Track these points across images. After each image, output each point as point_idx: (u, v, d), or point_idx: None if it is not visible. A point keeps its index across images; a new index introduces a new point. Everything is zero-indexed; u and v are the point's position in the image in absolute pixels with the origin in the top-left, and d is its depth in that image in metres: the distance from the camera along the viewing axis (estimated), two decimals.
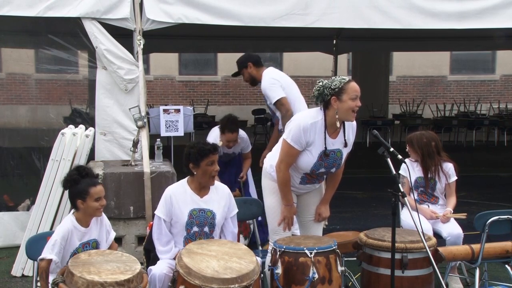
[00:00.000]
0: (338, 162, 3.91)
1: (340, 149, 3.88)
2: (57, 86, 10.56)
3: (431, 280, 3.89)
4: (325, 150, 3.79)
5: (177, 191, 3.80)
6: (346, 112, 3.72)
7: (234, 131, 5.46)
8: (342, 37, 10.67)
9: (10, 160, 7.05)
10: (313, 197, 4.13)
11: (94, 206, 3.45)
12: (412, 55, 17.79)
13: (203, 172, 3.74)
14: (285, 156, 3.85)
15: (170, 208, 3.75)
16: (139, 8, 5.51)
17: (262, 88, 5.15)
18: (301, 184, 3.99)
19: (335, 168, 3.94)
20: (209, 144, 3.80)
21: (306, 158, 3.82)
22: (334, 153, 3.87)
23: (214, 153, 3.75)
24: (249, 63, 5.23)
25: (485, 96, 19.36)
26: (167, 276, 3.55)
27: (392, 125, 14.48)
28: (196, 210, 3.77)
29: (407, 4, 5.84)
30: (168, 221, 3.77)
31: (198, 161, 3.72)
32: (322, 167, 3.88)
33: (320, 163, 3.84)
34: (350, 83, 3.74)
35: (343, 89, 3.70)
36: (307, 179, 3.97)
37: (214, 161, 3.75)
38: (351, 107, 3.70)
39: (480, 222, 4.15)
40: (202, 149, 3.73)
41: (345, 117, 3.76)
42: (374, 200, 7.80)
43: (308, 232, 4.14)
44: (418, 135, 4.71)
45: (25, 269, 5.00)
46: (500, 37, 8.89)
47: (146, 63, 12.88)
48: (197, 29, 6.97)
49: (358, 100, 3.71)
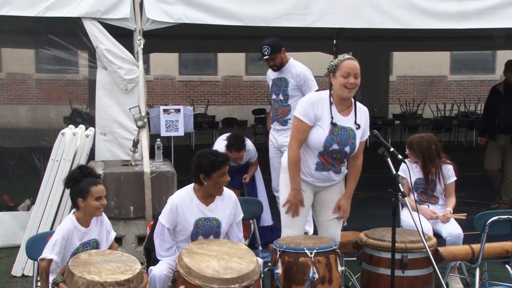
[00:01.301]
0: (351, 141, 3.86)
1: (352, 128, 3.87)
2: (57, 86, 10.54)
3: (431, 280, 3.90)
4: (332, 120, 3.80)
5: (183, 201, 3.72)
6: (339, 88, 3.82)
7: (241, 150, 5.51)
8: (342, 37, 10.68)
9: (10, 160, 7.05)
10: (332, 195, 4.05)
11: (94, 205, 3.46)
12: (412, 55, 17.78)
13: (215, 183, 3.67)
14: (296, 133, 3.87)
15: (175, 217, 3.69)
16: (139, 8, 5.51)
17: (300, 73, 5.36)
18: (317, 170, 3.91)
19: (349, 148, 3.86)
20: (222, 155, 3.72)
21: (317, 133, 3.82)
22: (346, 131, 3.85)
23: (226, 165, 3.70)
24: (283, 48, 5.41)
25: (485, 96, 19.25)
26: (168, 276, 3.54)
27: (392, 125, 14.47)
28: (202, 220, 3.72)
29: (407, 4, 5.84)
30: (171, 229, 3.73)
31: (210, 172, 3.63)
32: (335, 143, 3.82)
33: (332, 137, 3.81)
34: (345, 61, 3.82)
35: (338, 66, 3.82)
36: (322, 164, 3.90)
37: (225, 172, 3.69)
38: (342, 84, 3.78)
39: (480, 222, 4.15)
40: (216, 161, 3.63)
41: (340, 93, 3.83)
42: (374, 200, 7.79)
43: (326, 233, 4.06)
44: (418, 139, 4.70)
45: (25, 269, 4.99)
46: (500, 37, 8.89)
47: (146, 63, 12.88)
48: (197, 29, 6.97)
49: (351, 77, 3.78)
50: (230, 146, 5.46)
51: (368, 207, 7.45)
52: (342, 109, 3.89)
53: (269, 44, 5.36)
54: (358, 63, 3.84)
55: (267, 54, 5.37)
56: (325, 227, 4.09)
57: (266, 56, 5.39)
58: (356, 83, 3.81)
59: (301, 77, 5.37)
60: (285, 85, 5.42)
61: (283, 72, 5.46)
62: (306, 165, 3.91)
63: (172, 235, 3.75)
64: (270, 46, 5.35)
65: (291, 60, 5.48)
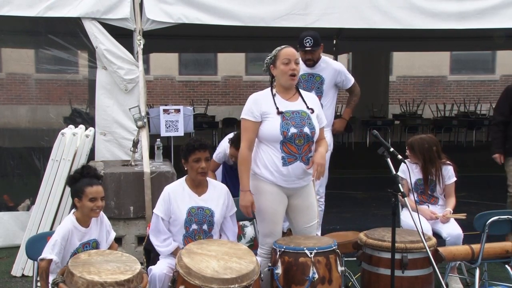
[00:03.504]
0: (307, 122, 3.77)
1: (304, 110, 3.81)
2: (57, 86, 10.54)
3: (431, 280, 3.90)
4: (278, 110, 3.75)
5: (175, 190, 3.83)
6: (282, 77, 3.80)
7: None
8: (342, 37, 10.68)
9: (10, 160, 7.05)
10: (304, 200, 3.94)
11: (88, 206, 3.45)
12: (412, 55, 17.79)
13: (191, 168, 3.79)
14: (244, 133, 3.81)
15: (168, 206, 3.77)
16: (139, 8, 5.51)
17: (338, 68, 5.24)
18: (284, 165, 3.76)
19: (308, 128, 3.75)
20: (198, 140, 3.81)
21: (269, 124, 3.74)
22: (298, 113, 3.79)
23: (200, 150, 3.76)
24: (322, 44, 5.25)
25: (485, 96, 19.35)
26: (167, 276, 3.55)
27: (392, 125, 14.49)
28: (195, 208, 3.79)
29: (408, 4, 5.84)
30: (166, 220, 3.78)
31: (186, 157, 3.79)
32: (291, 126, 3.73)
33: (286, 122, 3.73)
34: (283, 49, 3.82)
35: (276, 56, 3.81)
36: (288, 155, 3.75)
37: (201, 159, 3.76)
38: (284, 71, 3.77)
39: (480, 222, 4.15)
40: (189, 145, 3.79)
41: (283, 82, 3.82)
42: (374, 200, 7.79)
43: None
44: (419, 140, 4.69)
45: (25, 269, 5.00)
46: (500, 37, 8.89)
47: (146, 63, 12.87)
48: (197, 29, 6.97)
49: (292, 63, 3.76)
50: (231, 142, 5.41)
51: (368, 207, 7.44)
52: (288, 97, 3.86)
53: (313, 36, 5.11)
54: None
55: (309, 46, 5.07)
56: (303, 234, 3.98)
57: (309, 48, 5.09)
58: (297, 69, 3.80)
59: (340, 72, 5.23)
60: (320, 81, 5.20)
61: (316, 69, 5.21)
62: (272, 163, 3.77)
63: (167, 227, 3.79)
64: (314, 38, 5.10)
65: (323, 57, 5.30)
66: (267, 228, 3.89)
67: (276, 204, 3.85)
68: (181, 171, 4.00)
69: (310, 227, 3.98)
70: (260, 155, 3.83)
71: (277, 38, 5.46)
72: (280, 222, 3.93)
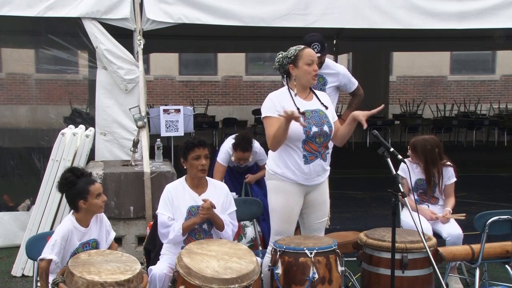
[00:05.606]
0: (326, 120, 3.88)
1: (321, 109, 3.90)
2: (57, 86, 10.56)
3: (431, 280, 3.89)
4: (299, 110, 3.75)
5: (176, 189, 3.83)
6: (304, 77, 3.85)
7: (246, 151, 5.30)
8: (342, 37, 10.69)
9: (10, 160, 7.06)
10: (320, 196, 4.02)
11: (97, 204, 3.45)
12: (412, 55, 17.79)
13: (190, 166, 3.77)
14: (269, 129, 3.81)
15: (171, 203, 3.77)
16: (139, 8, 5.52)
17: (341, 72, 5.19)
18: (306, 164, 3.84)
19: (327, 127, 3.86)
20: (196, 138, 3.82)
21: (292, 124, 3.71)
22: (317, 112, 3.87)
23: (199, 147, 3.76)
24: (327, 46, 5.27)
25: (485, 96, 19.37)
26: (167, 276, 3.55)
27: (392, 125, 14.48)
28: (195, 207, 3.77)
29: (408, 4, 5.84)
30: (171, 218, 3.74)
31: (186, 154, 3.78)
32: (313, 125, 3.81)
33: (308, 121, 3.79)
34: (304, 49, 3.87)
35: (298, 56, 3.85)
36: (309, 154, 3.83)
37: (201, 156, 3.75)
38: (308, 72, 3.83)
39: (480, 222, 4.15)
40: (188, 142, 3.78)
41: (305, 82, 3.88)
42: (374, 200, 7.79)
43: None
44: (422, 141, 4.68)
45: (25, 269, 5.00)
46: (500, 37, 8.90)
47: (146, 63, 12.88)
48: (197, 29, 6.97)
49: (314, 65, 3.84)
50: (236, 145, 5.37)
51: (368, 207, 7.44)
52: (305, 96, 3.92)
53: (320, 41, 5.07)
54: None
55: (317, 52, 4.95)
56: (311, 231, 4.06)
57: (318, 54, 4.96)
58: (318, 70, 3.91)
59: (344, 75, 5.19)
60: (323, 83, 5.18)
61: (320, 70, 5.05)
62: (294, 163, 3.84)
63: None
64: (321, 43, 5.06)
65: (327, 59, 5.27)
66: (282, 227, 3.94)
67: (294, 204, 3.92)
68: (181, 171, 4.00)
69: (321, 223, 4.07)
70: (281, 155, 3.88)
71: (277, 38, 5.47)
72: (294, 223, 3.99)
